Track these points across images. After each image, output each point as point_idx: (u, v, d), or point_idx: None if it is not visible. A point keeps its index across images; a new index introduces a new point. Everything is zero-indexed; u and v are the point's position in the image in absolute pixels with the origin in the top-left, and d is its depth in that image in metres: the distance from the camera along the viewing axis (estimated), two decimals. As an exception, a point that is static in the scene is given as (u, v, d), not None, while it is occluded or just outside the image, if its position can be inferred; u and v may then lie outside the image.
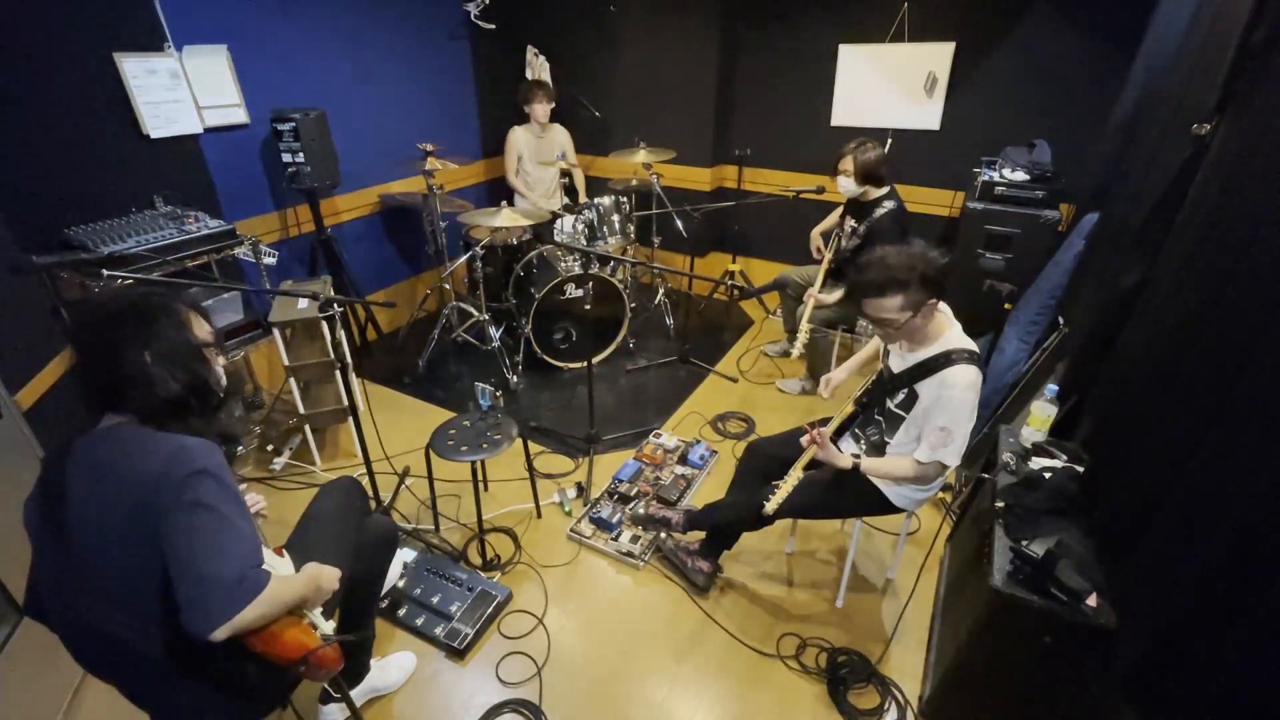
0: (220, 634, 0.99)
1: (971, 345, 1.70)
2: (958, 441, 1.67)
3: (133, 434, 1.08)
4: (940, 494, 2.51)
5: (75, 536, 1.04)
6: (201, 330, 1.20)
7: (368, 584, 1.65)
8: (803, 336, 2.76)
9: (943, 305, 1.79)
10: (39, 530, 1.09)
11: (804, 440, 1.83)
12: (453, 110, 4.10)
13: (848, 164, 2.84)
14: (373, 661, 1.81)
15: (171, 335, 1.13)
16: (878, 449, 1.88)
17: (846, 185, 2.89)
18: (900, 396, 1.80)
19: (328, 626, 1.27)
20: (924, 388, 1.72)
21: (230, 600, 1.00)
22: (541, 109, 3.79)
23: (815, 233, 3.35)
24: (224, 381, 1.26)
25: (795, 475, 1.79)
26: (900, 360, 1.83)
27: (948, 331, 1.73)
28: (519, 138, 3.91)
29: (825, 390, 2.09)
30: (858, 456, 1.81)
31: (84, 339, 1.13)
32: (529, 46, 4.18)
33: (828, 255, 3.20)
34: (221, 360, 1.26)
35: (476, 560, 2.30)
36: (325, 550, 1.46)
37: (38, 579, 1.15)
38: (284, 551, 1.40)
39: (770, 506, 1.78)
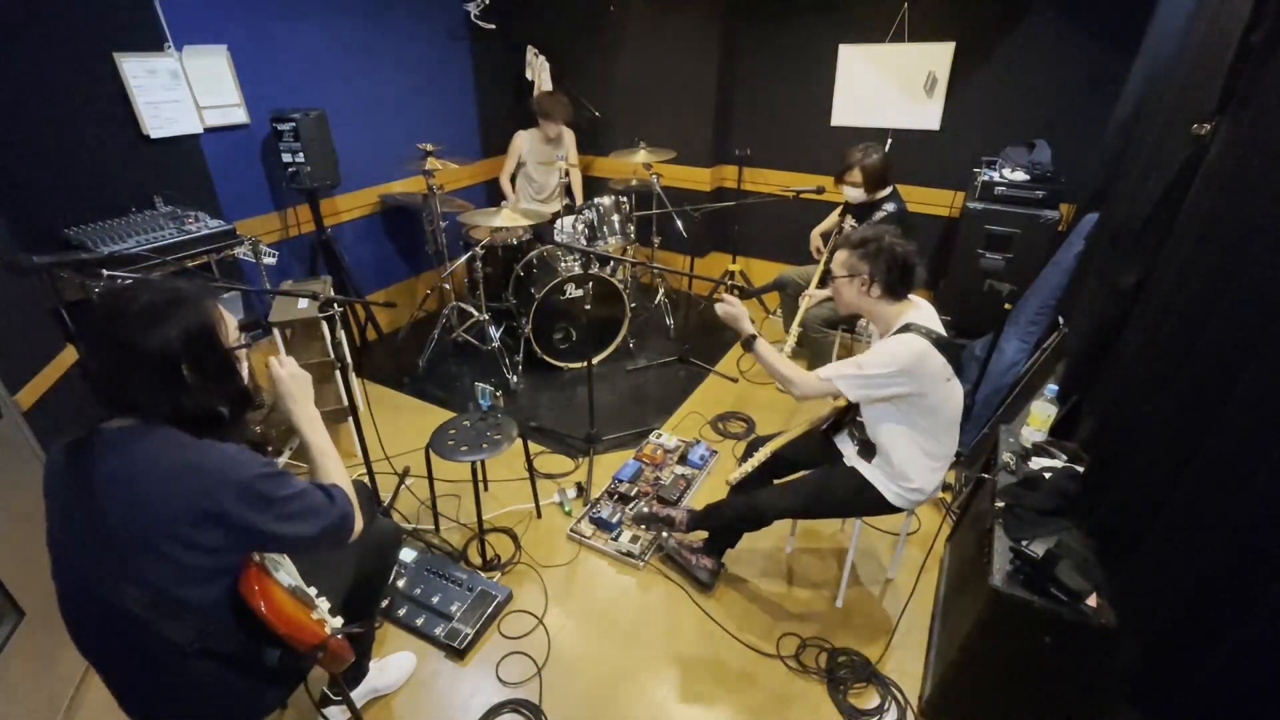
0: (360, 524, 1.25)
1: (934, 326, 1.70)
2: (855, 378, 1.67)
3: (165, 439, 1.05)
4: (940, 494, 2.51)
5: (109, 534, 1.02)
6: (232, 330, 1.15)
7: (371, 585, 1.65)
8: (791, 339, 2.76)
9: (918, 299, 1.80)
10: (62, 519, 1.07)
11: (725, 297, 1.94)
12: (453, 110, 4.10)
13: (856, 175, 2.82)
14: (372, 663, 1.81)
15: (206, 341, 1.07)
16: (868, 446, 1.89)
17: (855, 194, 2.88)
18: None
19: (336, 623, 1.28)
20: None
21: (350, 509, 1.23)
22: (553, 127, 3.78)
23: (815, 233, 3.35)
24: (247, 376, 1.21)
25: (764, 454, 1.81)
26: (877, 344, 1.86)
27: (910, 311, 1.74)
28: (523, 141, 3.91)
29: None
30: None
31: (109, 339, 1.04)
32: (529, 46, 4.18)
33: (827, 255, 3.19)
34: (246, 359, 1.22)
35: (476, 560, 2.30)
36: (335, 555, 1.45)
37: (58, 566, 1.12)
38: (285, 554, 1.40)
39: (731, 477, 1.83)
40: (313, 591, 1.29)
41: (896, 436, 1.78)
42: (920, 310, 1.76)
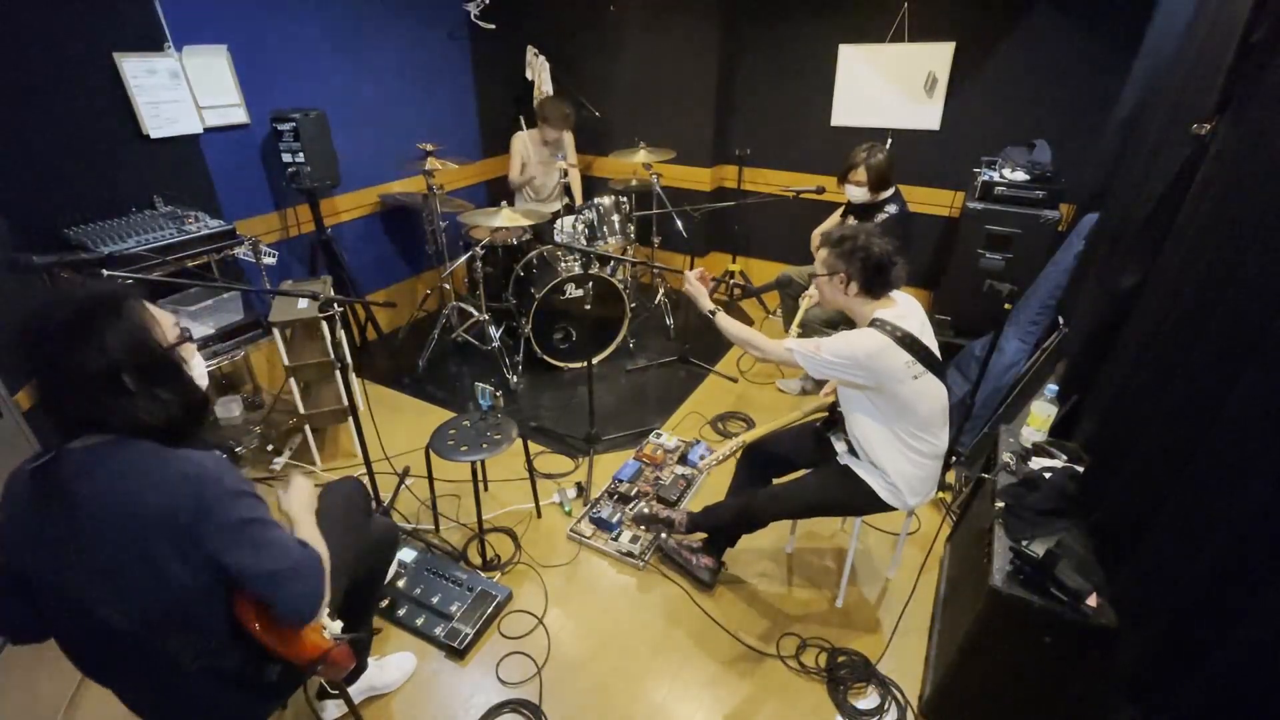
0: (320, 611, 1.14)
1: (906, 325, 1.70)
2: (816, 356, 1.70)
3: (138, 453, 1.03)
4: (940, 494, 2.51)
5: (93, 554, 1.00)
6: (168, 328, 1.08)
7: (369, 584, 1.65)
8: (792, 338, 2.74)
9: (894, 294, 1.79)
10: (37, 546, 1.03)
11: (686, 274, 1.98)
12: (453, 110, 4.10)
13: (861, 174, 2.80)
14: (371, 660, 1.81)
15: (140, 344, 1.02)
16: (850, 445, 1.90)
17: (859, 194, 2.86)
18: None
19: (336, 627, 1.28)
20: None
21: (319, 580, 1.13)
22: (552, 132, 3.78)
23: (816, 233, 3.34)
24: (205, 381, 1.17)
25: (738, 443, 1.81)
26: None
27: (882, 310, 1.74)
28: (524, 143, 3.90)
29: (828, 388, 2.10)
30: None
31: (38, 364, 0.99)
32: (529, 46, 4.18)
33: None
34: (196, 354, 1.16)
35: (476, 560, 2.30)
36: (335, 554, 1.45)
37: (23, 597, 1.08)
38: None
39: (704, 463, 1.81)
40: None
41: (871, 432, 1.79)
42: (897, 308, 1.76)
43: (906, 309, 1.77)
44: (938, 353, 1.75)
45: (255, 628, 1.09)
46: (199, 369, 1.17)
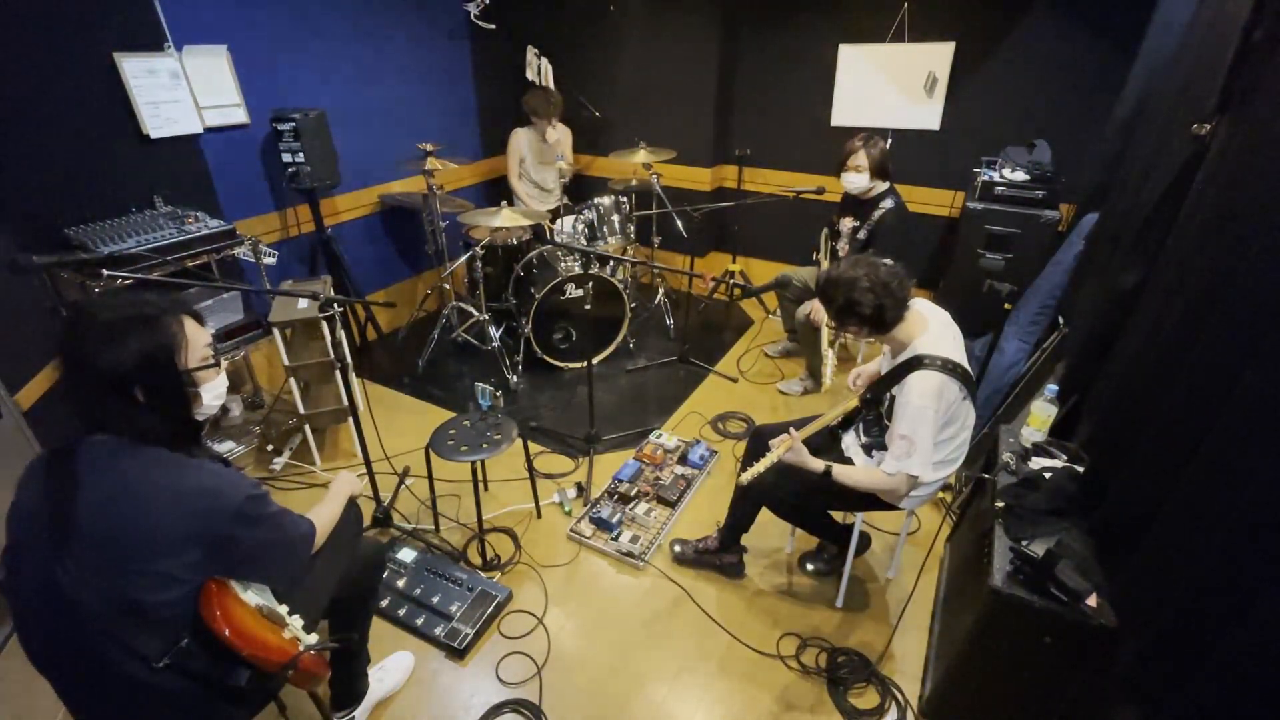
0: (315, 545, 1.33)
1: (941, 351, 1.69)
2: (921, 452, 1.67)
3: (153, 456, 1.07)
4: (940, 494, 2.51)
5: (91, 544, 1.01)
6: (195, 350, 1.14)
7: (358, 603, 1.64)
8: (828, 368, 2.74)
9: (922, 308, 1.78)
10: (33, 535, 1.04)
11: (774, 441, 1.80)
12: (453, 110, 4.10)
13: (860, 159, 2.82)
14: (371, 671, 1.79)
15: (159, 362, 1.07)
16: (881, 449, 1.88)
17: (859, 181, 2.86)
18: (887, 401, 1.81)
19: (310, 639, 1.28)
20: (897, 392, 1.74)
21: (312, 536, 1.31)
22: (548, 127, 3.78)
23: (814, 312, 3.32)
24: (219, 401, 1.22)
25: (775, 454, 1.77)
26: (887, 364, 1.86)
27: (919, 337, 1.73)
28: (522, 140, 3.91)
29: (854, 384, 2.07)
30: (846, 461, 1.80)
31: (66, 350, 1.06)
32: (529, 46, 4.18)
33: (824, 259, 3.19)
34: (219, 374, 1.21)
35: (476, 560, 2.30)
36: (317, 570, 1.43)
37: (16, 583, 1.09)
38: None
39: (744, 477, 1.76)
40: (284, 609, 1.27)
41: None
42: (928, 330, 1.74)
43: (939, 331, 1.75)
44: (969, 368, 1.74)
45: (224, 631, 1.09)
46: (218, 389, 1.22)
